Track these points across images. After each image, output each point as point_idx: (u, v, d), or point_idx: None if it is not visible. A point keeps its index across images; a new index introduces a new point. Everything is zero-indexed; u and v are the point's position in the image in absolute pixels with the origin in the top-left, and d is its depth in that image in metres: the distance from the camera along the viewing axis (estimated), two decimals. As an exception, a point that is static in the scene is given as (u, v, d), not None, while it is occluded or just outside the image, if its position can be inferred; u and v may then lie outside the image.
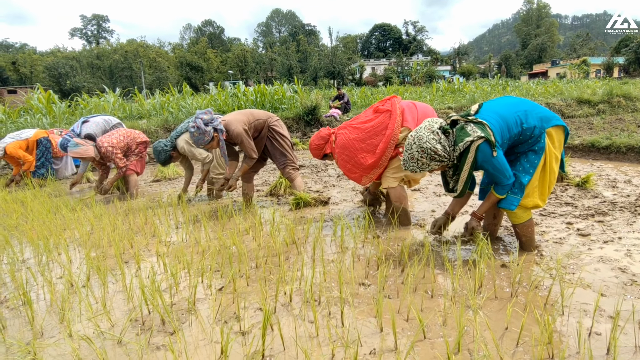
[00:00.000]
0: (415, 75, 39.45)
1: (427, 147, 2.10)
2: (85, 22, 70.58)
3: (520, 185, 2.19)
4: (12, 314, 1.98)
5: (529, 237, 2.33)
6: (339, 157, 3.04)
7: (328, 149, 3.14)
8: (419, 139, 2.13)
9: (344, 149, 2.96)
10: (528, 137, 2.16)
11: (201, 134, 3.37)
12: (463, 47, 71.10)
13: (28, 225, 3.39)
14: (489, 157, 2.07)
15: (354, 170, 2.96)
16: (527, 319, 1.62)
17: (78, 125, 5.14)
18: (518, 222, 2.29)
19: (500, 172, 2.13)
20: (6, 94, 30.47)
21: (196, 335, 1.68)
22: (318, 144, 3.18)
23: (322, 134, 3.19)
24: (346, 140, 2.96)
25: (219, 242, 2.71)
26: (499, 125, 2.11)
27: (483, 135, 2.04)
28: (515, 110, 2.17)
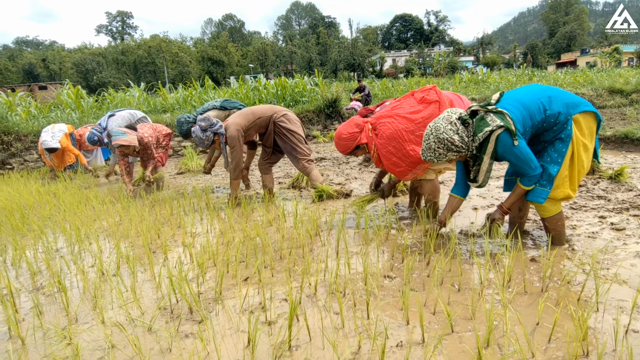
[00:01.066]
0: (437, 66, 38.69)
1: (444, 137, 2.06)
2: (110, 18, 72.19)
3: (549, 177, 2.11)
4: (48, 300, 2.06)
5: (558, 231, 2.25)
6: (382, 149, 2.72)
7: (363, 138, 2.80)
8: (436, 130, 2.09)
9: (391, 140, 2.66)
10: (553, 124, 2.08)
11: (201, 139, 3.55)
12: (487, 37, 69.12)
13: (60, 216, 3.52)
14: (509, 147, 2.01)
15: (399, 163, 2.68)
16: (560, 314, 1.57)
17: (105, 119, 5.27)
18: (547, 215, 2.22)
19: (524, 162, 2.05)
20: (37, 90, 31.59)
21: (223, 324, 1.70)
22: (352, 133, 2.81)
23: (356, 122, 2.84)
24: (394, 130, 2.65)
25: (243, 234, 2.74)
26: (520, 113, 2.04)
27: (503, 124, 1.98)
28: (538, 97, 2.09)
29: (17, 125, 7.66)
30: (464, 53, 66.63)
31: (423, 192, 2.91)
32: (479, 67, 38.50)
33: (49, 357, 1.55)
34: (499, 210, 2.30)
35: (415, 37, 78.00)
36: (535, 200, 2.16)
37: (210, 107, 4.20)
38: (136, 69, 51.87)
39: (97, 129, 5.25)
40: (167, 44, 55.09)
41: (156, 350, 1.55)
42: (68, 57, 52.89)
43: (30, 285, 2.26)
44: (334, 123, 9.65)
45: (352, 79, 37.39)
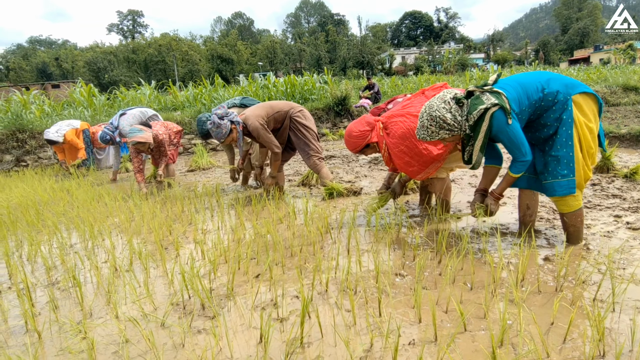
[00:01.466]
0: (447, 63, 38.35)
1: (436, 115, 2.09)
2: (122, 17, 72.88)
3: (568, 165, 2.07)
4: (63, 295, 2.09)
5: (577, 227, 2.21)
6: (394, 148, 2.67)
7: (374, 137, 2.75)
8: (429, 108, 2.13)
9: (404, 139, 2.60)
10: (552, 103, 2.06)
11: (218, 127, 3.46)
12: (498, 34, 68.22)
13: (74, 212, 3.57)
14: (503, 126, 2.01)
15: (412, 163, 2.62)
16: (575, 314, 1.55)
17: (116, 118, 5.32)
18: (568, 210, 2.17)
19: (515, 145, 2.05)
20: (51, 88, 32.05)
21: (235, 321, 1.71)
22: (362, 132, 2.75)
23: (367, 120, 2.79)
24: (406, 129, 2.59)
25: (253, 231, 2.75)
26: (516, 92, 2.05)
27: (497, 102, 1.99)
28: (536, 78, 2.10)
29: (32, 123, 7.79)
30: (474, 50, 65.88)
31: (434, 191, 2.89)
32: (490, 64, 38.07)
33: (64, 351, 1.57)
34: (491, 197, 2.28)
35: (425, 35, 77.40)
36: (567, 193, 2.10)
37: (231, 104, 4.20)
38: (147, 67, 52.33)
39: (109, 127, 5.31)
40: (177, 43, 55.46)
41: (169, 345, 1.56)
42: (80, 56, 53.57)
43: (46, 280, 2.30)
44: (343, 121, 9.63)
45: (361, 76, 37.25)
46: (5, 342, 1.68)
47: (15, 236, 3.07)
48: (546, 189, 2.18)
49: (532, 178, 2.30)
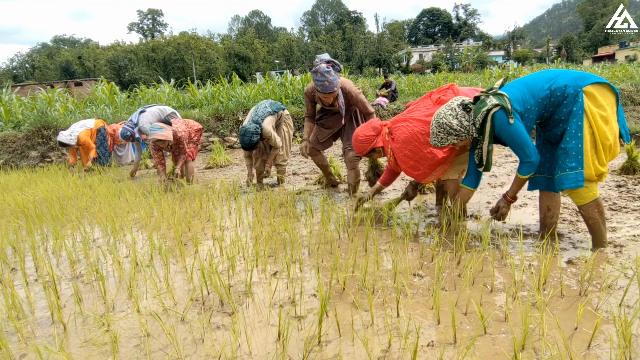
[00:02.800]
0: (466, 61, 37.75)
1: (442, 122, 2.20)
2: (142, 16, 74.15)
3: (577, 157, 2.02)
4: (87, 288, 2.15)
5: (596, 219, 2.14)
6: (398, 153, 2.72)
7: (379, 142, 2.84)
8: (437, 116, 2.24)
9: (407, 144, 2.65)
10: (562, 98, 2.04)
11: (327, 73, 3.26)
12: (518, 31, 66.84)
13: (96, 208, 3.66)
14: (505, 125, 2.05)
15: (417, 167, 2.65)
16: (600, 319, 1.51)
17: (136, 116, 5.43)
18: (582, 202, 2.11)
19: (519, 145, 2.08)
20: (74, 86, 32.92)
21: (253, 317, 1.73)
22: (368, 136, 2.84)
23: (374, 125, 2.88)
24: (409, 133, 2.63)
25: (271, 228, 2.77)
26: (519, 92, 2.09)
27: (498, 102, 2.04)
28: (543, 76, 2.12)
29: (56, 120, 8.01)
30: (493, 47, 64.70)
31: (448, 191, 2.88)
32: (510, 61, 37.31)
33: (89, 343, 1.62)
34: (503, 200, 2.32)
35: (443, 32, 76.37)
36: (575, 186, 2.04)
37: (266, 113, 4.18)
38: (165, 66, 53.17)
39: (129, 124, 5.42)
40: (196, 41, 56.15)
41: (189, 340, 1.59)
42: (102, 55, 54.79)
43: (70, 273, 2.37)
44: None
45: (377, 74, 37.01)
46: (33, 333, 1.73)
47: (41, 230, 3.17)
48: (555, 183, 2.14)
49: (550, 179, 2.26)
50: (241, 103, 9.27)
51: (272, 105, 4.30)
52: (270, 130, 4.08)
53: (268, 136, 4.07)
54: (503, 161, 4.95)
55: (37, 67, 57.64)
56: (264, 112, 4.17)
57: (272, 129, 4.12)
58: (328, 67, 3.31)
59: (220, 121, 8.78)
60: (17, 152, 7.62)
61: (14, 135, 7.76)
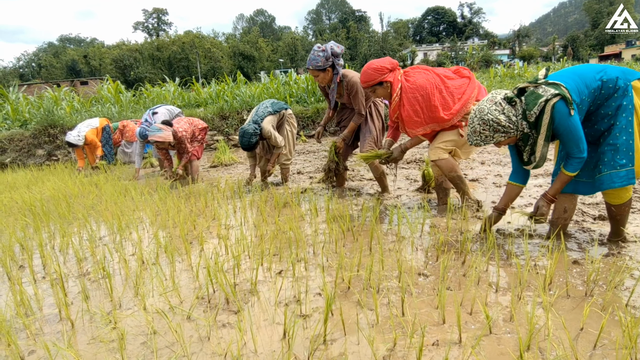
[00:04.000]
0: (471, 60, 37.55)
1: (488, 118, 2.01)
2: (147, 15, 74.49)
3: (628, 154, 1.95)
4: (94, 286, 2.17)
5: (624, 216, 2.13)
6: (409, 93, 2.79)
7: (389, 77, 2.86)
8: (480, 112, 2.05)
9: (422, 89, 2.76)
10: (612, 90, 1.95)
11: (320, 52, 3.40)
12: (524, 29, 66.36)
13: (102, 206, 3.68)
14: (565, 117, 1.91)
15: (419, 113, 2.78)
16: (606, 320, 1.50)
17: (150, 116, 5.48)
18: (619, 202, 2.07)
19: (573, 140, 1.95)
20: (79, 85, 33.13)
21: (258, 316, 1.74)
22: (381, 67, 2.86)
23: (391, 60, 2.91)
24: (427, 81, 2.76)
25: (276, 227, 2.78)
26: (574, 82, 1.95)
27: (558, 92, 1.90)
28: (592, 67, 2.03)
29: (62, 119, 8.07)
30: (498, 46, 64.32)
31: (444, 173, 2.93)
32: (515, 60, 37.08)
33: (96, 340, 1.63)
34: (544, 199, 2.19)
35: (448, 31, 76.05)
36: (627, 184, 1.98)
37: (266, 113, 4.20)
38: (170, 65, 53.36)
39: (147, 125, 5.45)
40: (200, 40, 56.31)
41: (195, 338, 1.60)
42: (107, 54, 55.09)
43: (77, 271, 2.39)
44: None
45: (382, 73, 36.76)
46: (41, 330, 1.75)
47: (48, 227, 3.20)
48: (602, 182, 2.04)
49: (577, 182, 2.20)
50: (246, 102, 9.29)
51: (274, 105, 4.30)
52: (270, 129, 4.09)
53: (268, 136, 4.08)
54: (508, 160, 4.93)
55: (43, 66, 58.07)
56: (264, 112, 4.19)
57: (272, 129, 4.12)
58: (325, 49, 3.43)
59: (224, 120, 8.81)
60: (24, 151, 7.69)
61: (21, 133, 7.83)
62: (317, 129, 3.97)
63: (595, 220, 2.64)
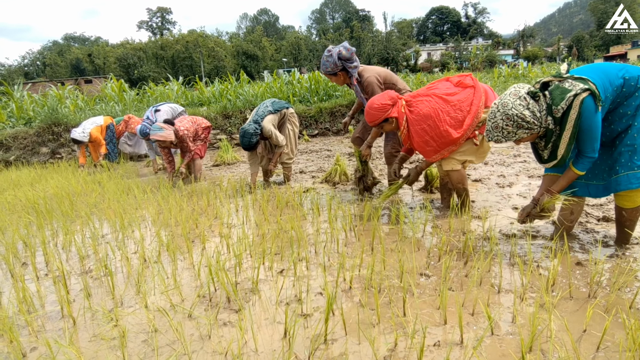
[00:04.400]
0: (475, 60, 37.43)
1: (513, 113, 1.93)
2: (151, 14, 74.66)
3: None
4: (96, 284, 2.17)
5: (634, 221, 2.09)
6: (416, 125, 2.75)
7: (394, 112, 2.83)
8: (503, 106, 1.96)
9: (427, 118, 2.69)
10: (633, 89, 1.92)
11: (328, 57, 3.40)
12: (528, 29, 66.04)
13: (105, 204, 3.69)
14: (592, 114, 1.85)
15: (430, 142, 2.71)
16: (610, 322, 1.49)
17: (152, 114, 5.49)
18: (631, 206, 2.04)
19: (592, 138, 1.90)
20: (83, 83, 33.27)
21: (259, 315, 1.73)
22: (383, 104, 2.83)
23: (391, 95, 2.88)
24: (432, 109, 2.69)
25: (277, 226, 2.78)
26: (600, 79, 1.90)
27: (587, 87, 1.83)
28: (613, 65, 1.99)
29: (66, 117, 8.09)
30: (503, 46, 64.05)
31: (452, 182, 2.92)
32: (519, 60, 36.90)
33: (97, 337, 1.64)
34: (548, 195, 2.13)
35: (452, 30, 75.83)
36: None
37: (267, 112, 4.19)
38: (174, 64, 53.48)
39: (148, 122, 5.47)
40: (204, 39, 56.40)
41: (196, 336, 1.60)
42: (111, 52, 55.29)
43: (79, 269, 2.39)
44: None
45: (385, 73, 36.65)
46: (43, 326, 1.76)
47: (51, 225, 3.21)
48: (618, 183, 2.01)
49: (589, 185, 2.17)
50: (249, 101, 9.29)
51: (275, 104, 4.30)
52: (271, 128, 4.08)
53: (268, 135, 4.08)
54: (512, 161, 4.91)
55: (47, 65, 58.34)
56: (264, 111, 4.18)
57: (272, 127, 4.10)
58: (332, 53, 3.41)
59: (227, 119, 8.82)
60: (28, 149, 7.72)
61: (25, 131, 7.86)
62: (344, 119, 3.92)
63: (599, 221, 2.62)
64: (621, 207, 2.10)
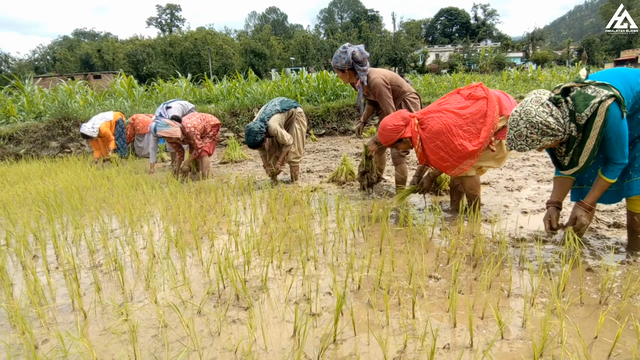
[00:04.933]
0: (483, 62, 37.20)
1: (537, 121, 1.88)
2: (160, 11, 75.00)
3: None
4: (105, 278, 2.19)
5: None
6: (430, 143, 2.74)
7: (407, 132, 2.83)
8: (526, 114, 1.91)
9: (440, 135, 2.68)
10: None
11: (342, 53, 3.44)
12: (538, 32, 65.48)
13: (114, 199, 3.72)
14: (617, 121, 1.82)
15: (447, 158, 2.69)
16: (622, 329, 1.48)
17: (163, 111, 5.53)
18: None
19: (620, 145, 1.86)
20: (92, 78, 33.52)
21: (268, 313, 1.74)
22: (396, 126, 2.83)
23: (403, 115, 2.88)
24: (443, 124, 2.67)
25: (285, 225, 2.78)
26: (622, 84, 1.87)
27: (612, 94, 1.80)
28: (632, 71, 1.97)
29: (76, 112, 8.17)
30: (512, 49, 63.60)
31: (464, 188, 2.91)
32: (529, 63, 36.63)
33: (108, 331, 1.65)
34: (582, 208, 2.05)
35: (461, 32, 75.43)
36: None
37: (274, 111, 4.20)
38: (182, 60, 53.70)
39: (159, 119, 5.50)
40: (212, 36, 56.57)
41: (205, 332, 1.61)
42: (121, 48, 55.63)
43: (89, 263, 2.42)
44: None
45: (393, 73, 36.54)
46: (54, 319, 1.78)
47: (61, 219, 3.24)
48: (631, 188, 1.99)
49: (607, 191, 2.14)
50: (256, 99, 9.32)
51: (282, 103, 4.31)
52: (277, 127, 4.09)
53: (275, 134, 4.09)
54: (520, 165, 4.88)
55: (57, 59, 58.86)
56: (272, 110, 4.19)
57: (278, 127, 4.11)
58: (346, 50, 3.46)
59: (235, 117, 8.84)
60: (38, 142, 7.80)
61: (36, 125, 7.94)
62: (357, 124, 3.94)
63: (610, 227, 2.60)
64: (633, 212, 2.08)
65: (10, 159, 7.37)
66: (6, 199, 3.93)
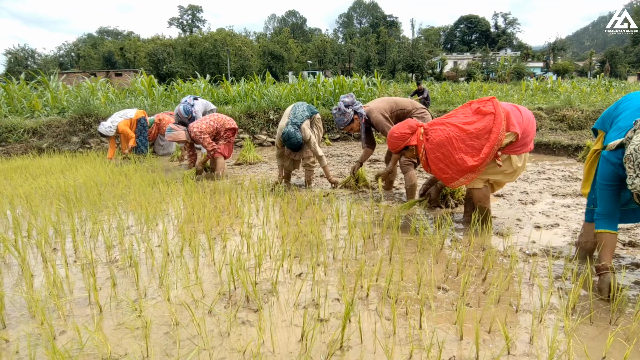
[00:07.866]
0: (502, 71, 36.77)
1: None
2: (182, 12, 76.29)
3: None
4: (121, 274, 2.26)
5: None
6: (431, 154, 2.83)
7: (413, 140, 2.96)
8: None
9: (441, 146, 2.76)
10: None
11: (342, 114, 3.80)
12: (560, 42, 64.37)
13: (131, 196, 3.82)
14: None
15: (446, 170, 2.76)
16: (630, 351, 1.47)
17: (190, 99, 5.79)
18: None
19: None
20: (114, 76, 34.27)
21: (277, 316, 1.77)
22: (403, 133, 2.98)
23: (410, 124, 3.01)
24: (445, 137, 2.75)
25: (297, 229, 2.82)
26: None
27: None
28: None
29: (97, 108, 8.38)
30: (532, 58, 62.68)
31: (474, 200, 2.94)
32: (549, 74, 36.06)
33: (122, 326, 1.71)
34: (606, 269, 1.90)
35: (480, 40, 74.64)
36: None
37: (304, 117, 4.28)
38: (201, 61, 54.44)
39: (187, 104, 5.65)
40: (232, 38, 57.25)
41: (216, 332, 1.65)
42: (142, 47, 56.72)
43: (105, 258, 2.49)
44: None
45: (409, 80, 36.59)
46: (72, 312, 1.84)
47: (80, 213, 3.34)
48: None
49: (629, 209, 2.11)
50: (273, 102, 9.41)
51: (309, 109, 4.41)
52: (310, 134, 4.21)
53: (307, 139, 4.16)
54: (535, 177, 4.83)
55: (81, 56, 60.36)
56: (302, 115, 4.27)
57: (312, 134, 4.25)
58: (339, 107, 3.86)
59: (251, 119, 8.95)
60: (60, 137, 8.03)
61: (59, 120, 8.17)
62: (353, 165, 4.25)
63: (625, 246, 2.57)
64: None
65: (34, 152, 7.60)
66: (29, 191, 4.06)
